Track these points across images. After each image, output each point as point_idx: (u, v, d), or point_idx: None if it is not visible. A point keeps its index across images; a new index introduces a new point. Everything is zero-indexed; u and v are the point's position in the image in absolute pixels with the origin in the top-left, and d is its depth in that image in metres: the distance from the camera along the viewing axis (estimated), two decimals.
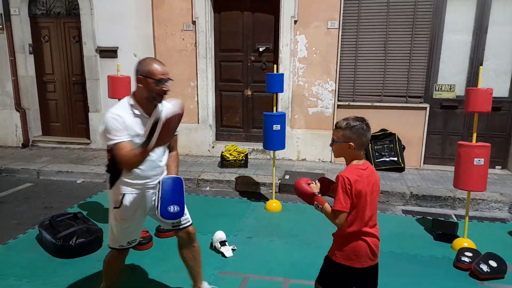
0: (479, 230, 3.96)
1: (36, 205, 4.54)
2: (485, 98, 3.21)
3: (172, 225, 2.49)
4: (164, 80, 2.16)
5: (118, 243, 2.40)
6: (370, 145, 5.72)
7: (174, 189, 2.30)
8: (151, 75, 2.13)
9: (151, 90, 2.15)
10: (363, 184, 1.93)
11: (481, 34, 5.39)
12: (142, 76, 2.15)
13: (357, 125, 1.96)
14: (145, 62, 2.18)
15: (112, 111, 2.17)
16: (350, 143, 1.96)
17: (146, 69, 2.15)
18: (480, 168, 3.28)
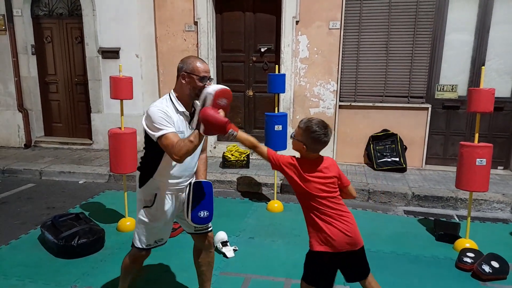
0: (481, 230, 3.95)
1: (39, 205, 4.56)
2: (487, 98, 3.21)
3: (195, 229, 2.48)
4: (207, 77, 2.21)
5: (146, 243, 2.35)
6: (372, 145, 5.71)
7: (205, 193, 2.31)
8: (195, 72, 2.19)
9: (194, 86, 2.20)
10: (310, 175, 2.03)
11: (484, 34, 5.38)
12: (186, 73, 2.21)
13: (316, 132, 2.01)
14: (189, 60, 2.25)
15: (157, 105, 2.18)
16: (303, 145, 2.03)
17: (191, 66, 2.21)
18: (482, 168, 3.28)
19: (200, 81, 2.19)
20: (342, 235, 2.03)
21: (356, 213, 4.39)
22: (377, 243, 3.62)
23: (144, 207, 2.31)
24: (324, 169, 2.10)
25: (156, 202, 2.29)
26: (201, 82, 2.19)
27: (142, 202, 2.33)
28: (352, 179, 5.17)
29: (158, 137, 2.09)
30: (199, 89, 2.18)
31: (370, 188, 4.82)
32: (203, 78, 2.19)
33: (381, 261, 3.30)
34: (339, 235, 2.02)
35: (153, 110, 2.13)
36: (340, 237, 2.03)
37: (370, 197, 4.78)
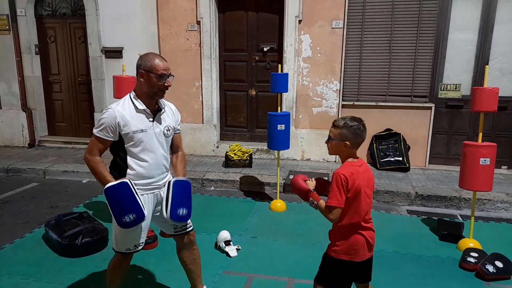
0: (485, 230, 3.94)
1: (43, 204, 4.58)
2: (491, 98, 3.19)
3: (175, 230, 2.45)
4: (166, 75, 2.16)
5: (125, 247, 2.30)
6: (375, 145, 5.70)
7: (184, 192, 2.28)
8: (153, 70, 2.13)
9: (152, 85, 2.15)
10: (359, 180, 1.99)
11: (487, 33, 5.35)
12: (144, 70, 2.15)
13: (354, 125, 2.02)
14: (148, 57, 2.18)
15: (115, 107, 2.16)
16: (346, 142, 2.02)
17: (149, 64, 2.14)
18: (486, 168, 3.26)
19: (158, 79, 2.14)
20: (367, 246, 2.08)
21: None
22: (380, 243, 3.58)
23: None
24: (366, 170, 2.09)
25: None
26: (159, 81, 2.15)
27: None
28: None
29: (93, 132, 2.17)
30: (158, 87, 2.16)
31: None
32: (162, 76, 2.15)
33: (384, 261, 3.30)
34: (364, 246, 2.07)
35: (107, 112, 2.15)
36: (364, 248, 2.08)
37: (373, 197, 4.76)
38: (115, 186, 2.10)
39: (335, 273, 2.12)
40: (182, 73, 6.26)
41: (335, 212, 1.98)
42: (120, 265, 2.38)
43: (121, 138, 2.18)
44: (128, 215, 2.10)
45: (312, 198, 2.06)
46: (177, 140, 2.46)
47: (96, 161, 2.14)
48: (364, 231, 2.07)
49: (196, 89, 6.29)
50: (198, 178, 5.23)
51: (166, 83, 2.17)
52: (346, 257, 2.05)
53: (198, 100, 6.30)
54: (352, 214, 2.02)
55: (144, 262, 3.23)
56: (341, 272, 2.10)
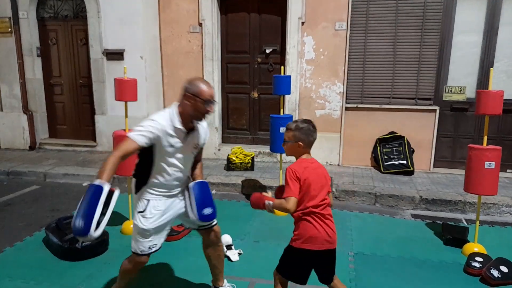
0: (490, 234, 3.89)
1: (43, 207, 4.56)
2: (496, 101, 3.16)
3: (199, 226, 2.56)
4: (210, 101, 2.27)
5: (140, 248, 2.41)
6: (379, 148, 5.66)
7: (204, 191, 2.44)
8: (200, 96, 2.24)
9: (197, 109, 2.26)
10: (310, 174, 2.15)
11: (492, 35, 5.32)
12: (191, 94, 2.25)
13: (305, 127, 2.22)
14: (195, 82, 2.29)
15: (159, 121, 2.24)
16: (299, 142, 2.21)
17: (196, 89, 2.25)
18: (491, 171, 3.22)
19: (203, 104, 2.25)
20: (325, 237, 2.18)
21: (362, 216, 4.35)
22: (384, 247, 3.58)
23: (138, 212, 2.39)
24: (319, 167, 2.25)
25: (148, 209, 2.37)
26: (204, 106, 2.25)
27: (137, 208, 2.41)
28: (358, 182, 5.12)
29: (130, 134, 2.19)
30: (202, 112, 2.27)
31: (377, 191, 4.76)
32: (207, 102, 2.25)
33: (388, 266, 3.25)
34: (322, 237, 2.18)
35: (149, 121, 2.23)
36: (322, 239, 2.18)
37: (377, 201, 4.73)
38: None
39: (292, 262, 2.25)
40: (183, 75, 6.23)
41: (290, 202, 2.11)
42: (134, 266, 2.47)
43: (152, 149, 2.27)
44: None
45: (266, 201, 2.19)
46: (199, 154, 2.62)
47: (115, 162, 2.12)
48: (321, 222, 2.18)
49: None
50: None
51: (209, 109, 2.28)
52: (303, 245, 2.17)
53: None
54: (304, 204, 2.15)
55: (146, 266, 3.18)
56: (299, 261, 2.23)
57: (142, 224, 2.37)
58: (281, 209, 2.16)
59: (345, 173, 5.52)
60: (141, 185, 2.39)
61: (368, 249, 3.53)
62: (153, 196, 2.39)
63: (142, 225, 2.37)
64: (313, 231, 2.16)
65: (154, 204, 2.39)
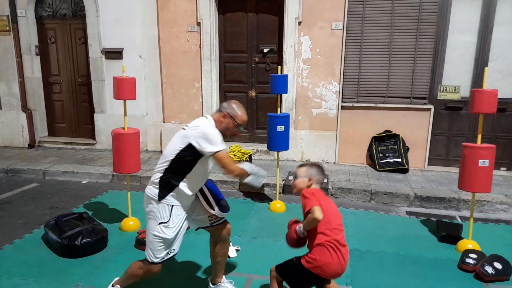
0: (484, 231, 3.94)
1: (42, 205, 4.58)
2: (490, 100, 3.20)
3: (210, 222, 2.65)
4: (241, 126, 2.56)
5: (159, 256, 2.41)
6: (374, 146, 5.71)
7: (214, 187, 2.68)
8: (236, 119, 2.52)
9: (229, 128, 2.52)
10: (325, 201, 2.22)
11: (487, 35, 5.37)
12: (229, 114, 2.51)
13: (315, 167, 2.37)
14: (236, 105, 2.55)
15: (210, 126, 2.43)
16: (309, 179, 2.33)
17: (235, 112, 2.52)
18: (485, 169, 3.27)
19: (235, 127, 2.54)
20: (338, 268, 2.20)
21: (358, 214, 4.40)
22: (379, 244, 3.62)
23: (160, 223, 2.37)
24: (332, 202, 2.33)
25: (172, 216, 2.39)
26: (235, 128, 2.55)
27: (158, 218, 2.38)
28: (354, 180, 5.17)
29: (218, 150, 2.35)
30: (231, 133, 2.55)
31: (372, 189, 4.82)
32: (239, 126, 2.55)
33: (383, 262, 3.30)
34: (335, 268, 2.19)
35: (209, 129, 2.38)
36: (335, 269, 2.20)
37: (372, 198, 4.78)
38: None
39: (299, 277, 2.27)
40: (182, 75, 6.27)
41: (315, 210, 2.10)
42: (146, 273, 2.49)
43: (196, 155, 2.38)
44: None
45: (298, 227, 2.24)
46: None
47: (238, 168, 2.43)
48: (338, 252, 2.18)
49: (196, 90, 6.30)
50: None
51: (237, 133, 2.57)
52: (315, 270, 2.19)
53: (198, 101, 6.31)
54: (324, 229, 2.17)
55: None
56: (306, 278, 2.25)
57: (165, 234, 2.36)
58: (312, 222, 2.14)
59: (341, 171, 5.58)
60: (167, 192, 2.37)
61: (364, 245, 3.58)
62: (177, 203, 2.40)
63: (165, 235, 2.36)
64: (328, 260, 2.16)
65: (176, 212, 2.40)
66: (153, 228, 2.38)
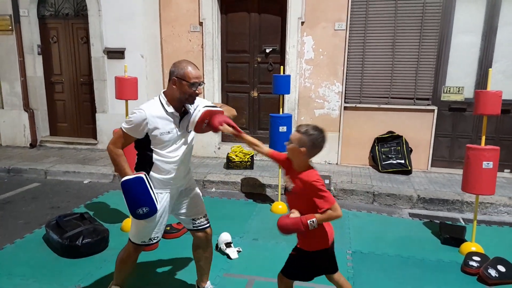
0: (488, 234, 3.91)
1: (43, 205, 4.58)
2: (494, 101, 3.17)
3: (193, 225, 2.58)
4: (197, 83, 2.26)
5: (141, 239, 2.44)
6: (377, 147, 5.68)
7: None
8: (186, 78, 2.23)
9: (184, 92, 2.25)
10: None
11: (491, 36, 5.34)
12: (177, 78, 2.25)
13: (314, 134, 2.08)
14: (181, 65, 2.27)
15: (145, 108, 2.25)
16: (302, 148, 2.07)
17: (182, 72, 2.24)
18: (489, 171, 3.24)
19: (190, 87, 2.24)
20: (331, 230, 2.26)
21: (360, 215, 4.37)
22: (381, 246, 3.60)
23: None
24: None
25: None
26: (191, 88, 2.24)
27: None
28: (357, 181, 5.14)
29: (122, 127, 2.26)
30: (189, 94, 2.26)
31: (375, 190, 4.79)
32: (194, 84, 2.24)
33: (386, 264, 3.28)
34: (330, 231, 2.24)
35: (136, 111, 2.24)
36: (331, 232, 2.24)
37: (375, 200, 4.75)
38: (131, 179, 2.23)
39: (306, 266, 2.24)
40: None
41: (337, 208, 2.04)
42: (129, 256, 2.51)
43: (148, 138, 2.28)
44: (141, 207, 2.24)
45: (308, 220, 2.02)
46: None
47: (118, 153, 2.28)
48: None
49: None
50: (199, 180, 5.21)
51: (197, 91, 2.28)
52: (321, 246, 2.19)
53: None
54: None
55: (145, 263, 3.22)
56: (313, 263, 2.23)
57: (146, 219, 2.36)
58: (331, 219, 2.08)
59: (344, 172, 5.55)
60: None
61: (366, 247, 3.55)
62: (157, 188, 2.36)
63: (145, 221, 2.36)
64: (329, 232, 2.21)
65: (158, 198, 2.36)
66: None
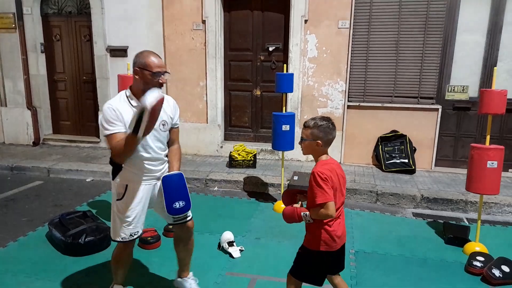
0: (492, 234, 3.89)
1: (46, 203, 4.58)
2: (499, 100, 3.15)
3: (174, 220, 2.55)
4: (160, 73, 2.20)
5: (121, 236, 2.41)
6: (381, 146, 5.66)
7: (177, 185, 2.36)
8: (147, 68, 2.17)
9: (147, 82, 2.19)
10: (335, 176, 2.10)
11: (495, 34, 5.30)
12: (139, 68, 2.19)
13: (324, 124, 2.13)
14: (142, 54, 2.22)
15: (110, 102, 2.23)
16: (318, 141, 2.12)
17: (143, 61, 2.18)
18: (493, 171, 3.22)
19: (153, 77, 2.18)
20: (342, 235, 2.18)
21: (364, 215, 4.36)
22: (385, 245, 3.59)
23: (116, 200, 2.38)
24: (338, 167, 2.19)
25: (127, 194, 2.35)
26: (154, 78, 2.18)
27: (115, 195, 2.40)
28: (360, 180, 5.12)
29: (105, 135, 2.19)
30: (153, 84, 2.17)
31: (378, 189, 4.77)
32: (156, 74, 2.18)
33: (389, 264, 3.26)
34: (339, 236, 2.15)
35: (104, 108, 2.21)
36: (339, 237, 2.16)
37: (378, 199, 4.74)
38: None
39: (312, 265, 2.20)
40: (186, 73, 6.24)
41: (330, 207, 2.01)
42: (121, 253, 2.50)
43: None
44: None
45: (302, 212, 2.09)
46: (174, 135, 2.54)
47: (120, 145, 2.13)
48: (338, 222, 2.15)
49: (200, 89, 6.28)
50: (201, 178, 5.21)
51: (160, 80, 2.20)
52: (324, 248, 2.13)
53: (203, 100, 6.29)
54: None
55: (147, 261, 3.22)
56: (318, 263, 2.19)
57: (122, 211, 2.36)
58: (323, 217, 2.04)
59: (347, 171, 5.53)
60: (117, 172, 2.35)
61: (369, 247, 3.54)
62: (131, 181, 2.34)
63: (122, 212, 2.36)
64: (332, 235, 2.12)
65: (132, 189, 2.34)
66: (112, 205, 2.42)
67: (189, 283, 2.73)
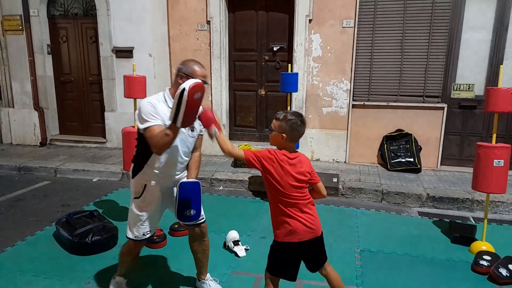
0: (498, 233, 3.87)
1: (54, 202, 4.63)
2: (505, 98, 3.14)
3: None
4: (204, 81, 2.27)
5: (134, 234, 2.48)
6: (386, 145, 5.64)
7: (192, 193, 2.42)
8: (192, 75, 2.29)
9: None
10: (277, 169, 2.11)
11: (502, 32, 5.26)
12: (185, 74, 2.31)
13: (293, 119, 2.13)
14: (189, 63, 2.36)
15: (149, 99, 2.30)
16: (283, 134, 2.14)
17: (190, 69, 2.32)
18: (500, 169, 3.20)
19: None
20: (306, 228, 2.16)
21: (369, 214, 4.35)
22: (390, 245, 3.58)
23: (134, 198, 2.44)
24: (298, 163, 2.18)
25: (144, 193, 2.41)
26: None
27: (133, 193, 2.46)
28: (365, 179, 5.11)
29: (143, 129, 2.21)
30: None
31: (384, 188, 4.76)
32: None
33: (395, 263, 3.26)
34: (303, 228, 2.16)
35: (143, 103, 2.27)
36: (304, 230, 2.16)
37: (384, 198, 4.72)
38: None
39: (278, 256, 2.24)
40: None
41: (239, 152, 2.14)
42: (130, 251, 2.60)
43: None
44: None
45: (213, 127, 2.16)
46: (197, 142, 2.59)
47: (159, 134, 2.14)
48: (301, 214, 2.16)
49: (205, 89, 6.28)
50: (207, 178, 5.23)
51: None
52: (285, 238, 2.16)
53: (208, 100, 6.31)
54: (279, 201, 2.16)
55: (153, 261, 3.24)
56: (283, 253, 2.22)
57: (137, 209, 2.43)
58: (226, 150, 2.13)
59: (352, 170, 5.52)
60: (138, 170, 2.41)
61: (375, 246, 3.53)
62: (150, 182, 2.40)
63: (138, 210, 2.42)
64: (293, 224, 2.14)
65: (150, 189, 2.41)
66: (131, 203, 2.48)
67: (207, 285, 2.78)
